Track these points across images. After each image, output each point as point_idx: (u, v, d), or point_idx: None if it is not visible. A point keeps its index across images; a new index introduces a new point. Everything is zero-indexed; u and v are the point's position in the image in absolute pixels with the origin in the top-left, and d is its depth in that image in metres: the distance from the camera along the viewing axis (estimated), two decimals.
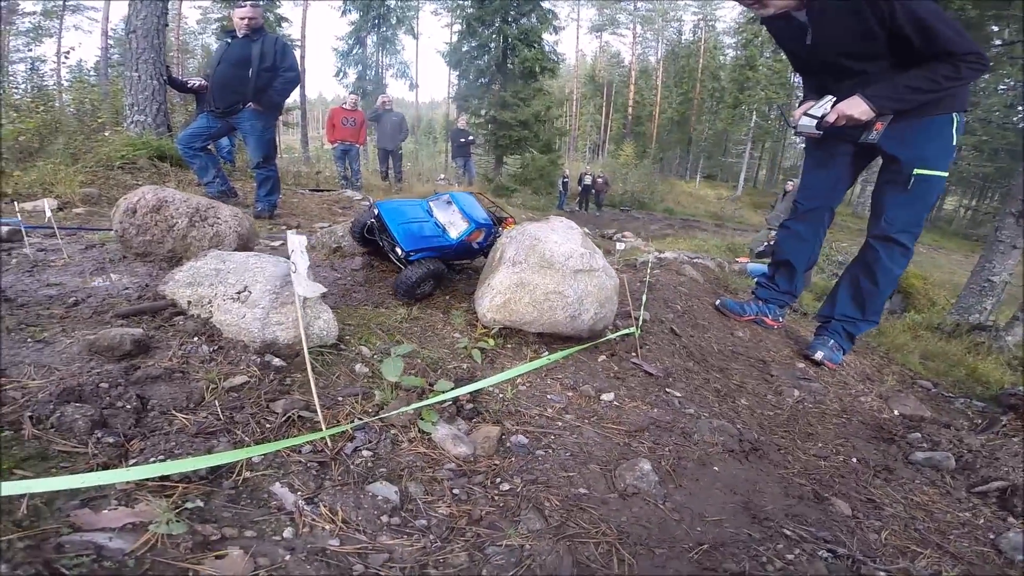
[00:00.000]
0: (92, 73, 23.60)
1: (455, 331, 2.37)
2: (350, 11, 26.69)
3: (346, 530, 1.05)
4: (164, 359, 1.49)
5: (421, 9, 29.30)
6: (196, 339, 1.60)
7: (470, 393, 1.77)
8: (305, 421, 1.38)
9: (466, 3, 21.88)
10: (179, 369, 1.44)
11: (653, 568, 1.06)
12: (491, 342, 2.20)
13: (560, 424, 1.69)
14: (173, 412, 1.27)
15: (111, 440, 1.15)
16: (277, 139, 6.42)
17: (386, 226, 2.87)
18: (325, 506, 1.09)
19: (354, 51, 26.87)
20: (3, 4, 25.98)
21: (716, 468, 1.60)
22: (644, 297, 3.02)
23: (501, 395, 1.85)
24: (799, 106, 2.79)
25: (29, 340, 1.60)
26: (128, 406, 1.24)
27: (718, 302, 3.71)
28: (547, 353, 2.27)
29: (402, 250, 2.72)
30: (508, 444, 1.52)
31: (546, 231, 2.39)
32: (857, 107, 2.41)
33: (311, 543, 0.99)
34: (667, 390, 2.19)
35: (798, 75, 3.11)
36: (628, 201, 24.22)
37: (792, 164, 38.43)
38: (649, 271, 3.82)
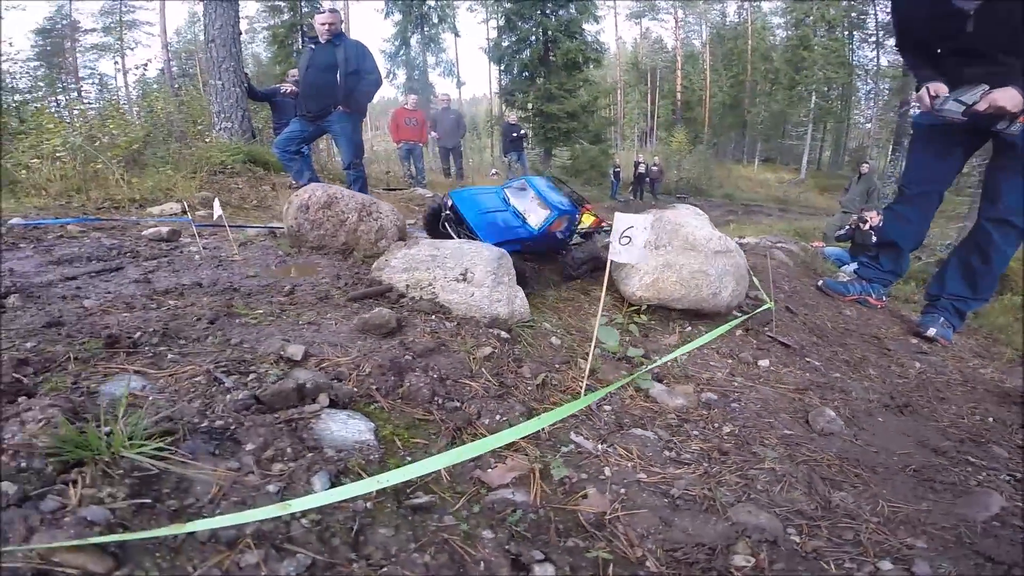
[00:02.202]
0: (155, 86, 25.15)
1: (602, 308, 2.70)
2: (393, 12, 27.40)
3: (644, 465, 1.35)
4: (420, 335, 1.84)
5: (458, 7, 29.80)
6: (434, 317, 1.97)
7: (645, 359, 2.10)
8: (550, 383, 1.74)
9: None
10: (440, 343, 1.80)
11: (883, 481, 1.36)
12: (644, 317, 2.51)
13: (736, 384, 1.99)
14: (462, 380, 1.60)
15: (455, 405, 1.44)
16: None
17: (463, 218, 2.72)
18: (621, 447, 1.41)
19: (401, 52, 27.61)
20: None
21: (880, 419, 1.87)
22: (757, 279, 3.27)
23: (671, 363, 2.17)
24: (917, 90, 2.90)
25: (301, 323, 1.92)
26: (433, 375, 1.57)
27: (820, 283, 3.89)
28: (689, 327, 2.57)
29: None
30: (704, 399, 1.84)
31: (684, 217, 2.68)
32: (1012, 99, 2.46)
33: (627, 478, 1.28)
34: (807, 359, 2.45)
35: (899, 51, 3.19)
36: (684, 188, 23.99)
37: (857, 144, 36.93)
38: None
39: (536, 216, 2.76)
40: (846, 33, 32.95)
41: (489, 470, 1.21)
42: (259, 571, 0.79)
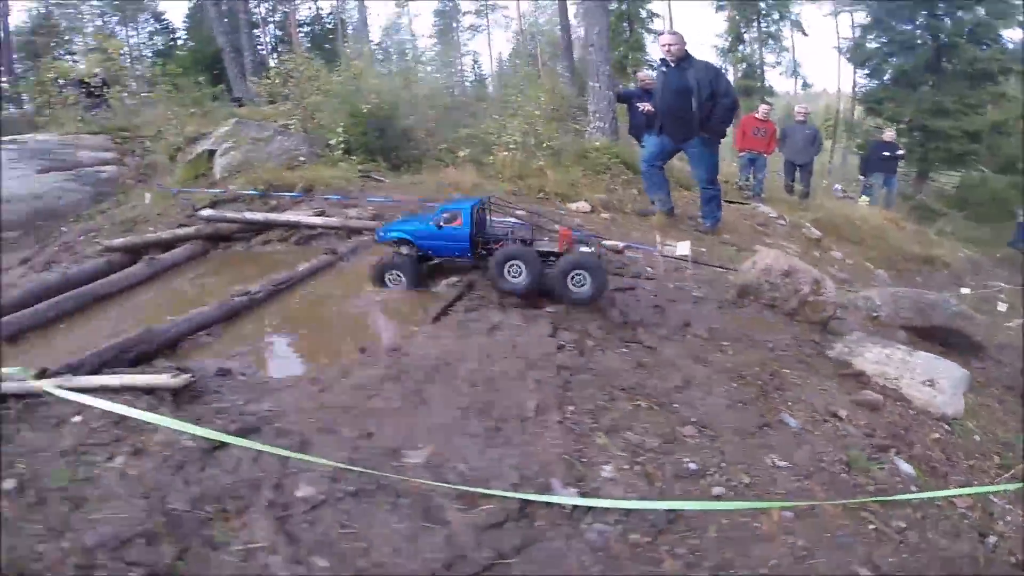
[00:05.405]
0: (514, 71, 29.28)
1: None
2: (724, 7, 26.58)
3: None
4: (894, 416, 2.88)
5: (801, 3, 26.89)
6: (899, 404, 2.96)
7: None
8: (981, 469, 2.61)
9: None
10: (907, 426, 2.81)
11: None
12: None
13: None
14: (927, 453, 2.59)
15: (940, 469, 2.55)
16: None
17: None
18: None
19: (735, 49, 26.61)
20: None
21: None
22: None
23: None
24: None
25: (816, 388, 3.02)
26: (915, 450, 2.61)
27: None
28: None
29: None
30: None
31: None
32: None
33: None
34: None
35: None
36: None
37: None
38: None
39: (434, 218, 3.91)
40: None
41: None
42: None
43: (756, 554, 1.69)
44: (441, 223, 3.84)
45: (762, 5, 25.46)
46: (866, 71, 20.87)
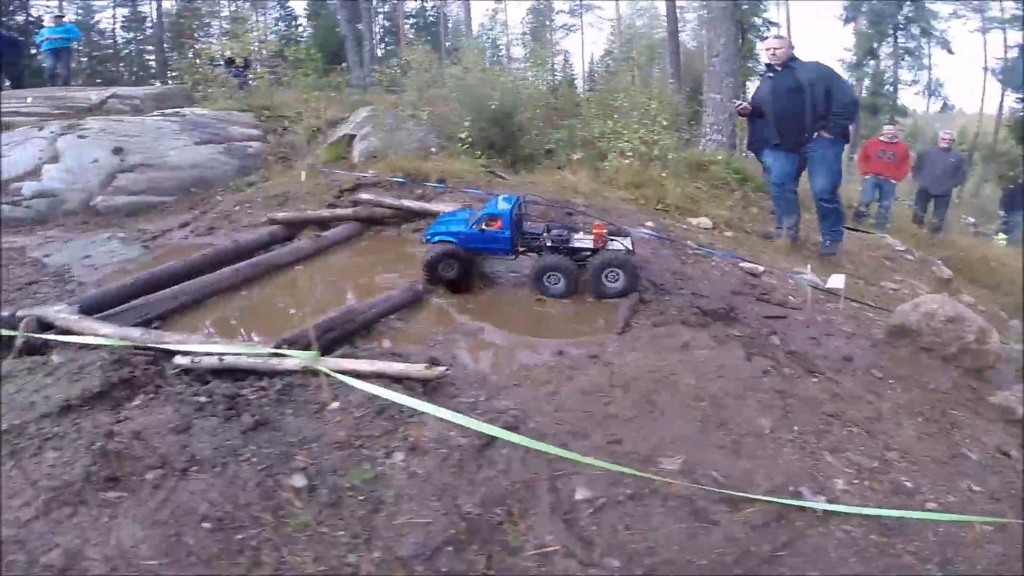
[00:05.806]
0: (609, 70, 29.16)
1: None
2: (853, 19, 24.88)
3: None
4: None
5: (943, 19, 24.61)
6: None
7: None
8: None
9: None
10: None
11: None
12: None
13: None
14: None
15: None
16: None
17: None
18: None
19: (864, 64, 24.90)
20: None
21: None
22: None
23: None
24: None
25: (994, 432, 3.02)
26: None
27: None
28: None
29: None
30: None
31: None
32: None
33: None
34: None
35: None
36: None
37: None
38: None
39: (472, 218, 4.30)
40: None
41: None
42: None
43: (969, 556, 1.96)
44: (483, 226, 4.20)
45: (900, 18, 23.88)
46: (1020, 95, 19.31)
